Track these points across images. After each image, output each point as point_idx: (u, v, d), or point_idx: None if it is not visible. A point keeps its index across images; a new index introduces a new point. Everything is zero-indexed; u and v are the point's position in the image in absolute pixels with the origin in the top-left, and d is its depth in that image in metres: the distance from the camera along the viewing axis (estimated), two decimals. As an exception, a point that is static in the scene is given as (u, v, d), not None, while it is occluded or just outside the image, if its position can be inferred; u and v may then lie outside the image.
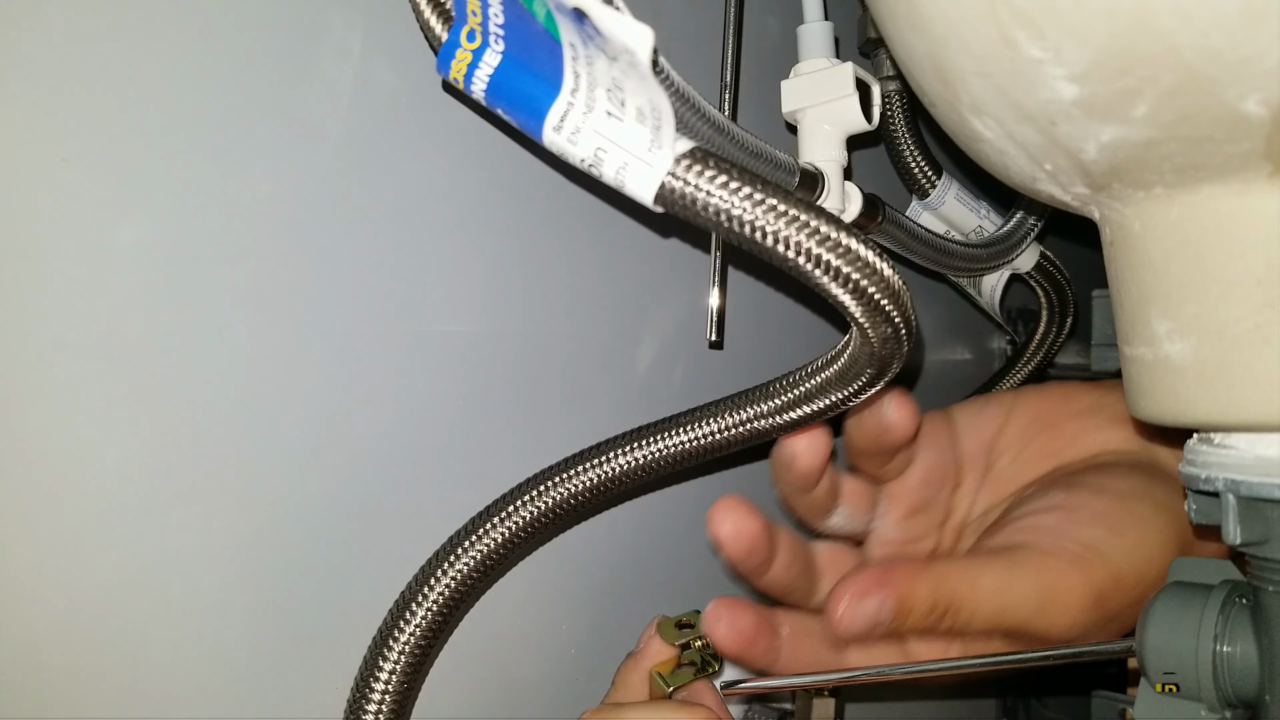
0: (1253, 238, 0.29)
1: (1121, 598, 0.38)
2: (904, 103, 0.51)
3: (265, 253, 0.32)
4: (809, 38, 0.41)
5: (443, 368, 0.36)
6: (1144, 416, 0.33)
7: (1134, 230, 0.32)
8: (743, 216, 0.26)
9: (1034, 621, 0.37)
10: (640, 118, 0.27)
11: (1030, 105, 0.29)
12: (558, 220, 0.40)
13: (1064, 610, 0.37)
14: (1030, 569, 0.37)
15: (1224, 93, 0.26)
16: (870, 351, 0.30)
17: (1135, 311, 0.32)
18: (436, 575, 0.33)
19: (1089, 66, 0.27)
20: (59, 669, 0.28)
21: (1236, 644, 0.34)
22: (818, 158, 0.40)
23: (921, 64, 0.32)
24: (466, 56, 0.28)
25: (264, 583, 0.32)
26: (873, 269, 0.28)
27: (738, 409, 0.34)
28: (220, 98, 0.30)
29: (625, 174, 0.27)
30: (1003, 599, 0.37)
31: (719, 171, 0.26)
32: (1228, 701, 0.34)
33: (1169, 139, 0.28)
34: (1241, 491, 0.30)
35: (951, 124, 0.34)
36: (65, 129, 0.27)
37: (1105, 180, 0.31)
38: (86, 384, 0.28)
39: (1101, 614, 0.38)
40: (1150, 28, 0.25)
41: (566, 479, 0.34)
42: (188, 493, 0.30)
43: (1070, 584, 0.37)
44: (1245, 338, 0.29)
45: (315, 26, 0.32)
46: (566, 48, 0.27)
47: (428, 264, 0.36)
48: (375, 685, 0.32)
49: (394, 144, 0.34)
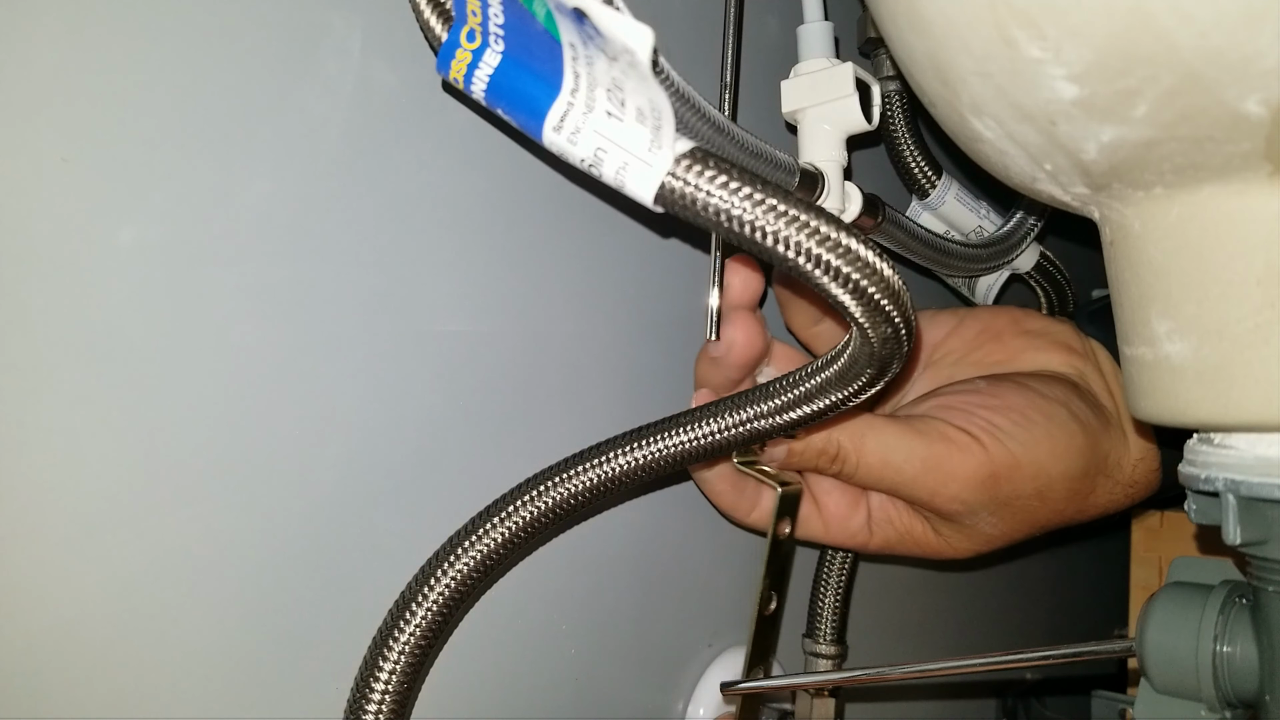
0: (1253, 238, 0.29)
1: (1015, 486, 0.41)
2: (904, 103, 0.51)
3: (265, 253, 0.32)
4: (809, 38, 0.41)
5: (442, 367, 0.36)
6: (1144, 416, 0.33)
7: (1134, 230, 0.32)
8: (743, 216, 0.26)
9: (920, 481, 0.40)
10: (640, 118, 0.27)
11: (1030, 105, 0.29)
12: (558, 220, 0.40)
13: (950, 478, 0.40)
14: (928, 435, 0.40)
15: (1224, 93, 0.26)
16: (870, 351, 0.30)
17: (1135, 311, 0.32)
18: (436, 575, 0.33)
19: (1089, 66, 0.27)
20: (59, 669, 0.28)
21: (1236, 644, 0.34)
22: (818, 158, 0.40)
23: (921, 64, 0.32)
24: (466, 56, 0.28)
25: (263, 582, 0.32)
26: (873, 269, 0.28)
27: (738, 409, 0.34)
28: (220, 98, 0.30)
29: (625, 174, 0.27)
30: (889, 454, 0.39)
31: (719, 171, 0.26)
32: (1228, 701, 0.34)
33: (1169, 139, 0.28)
34: (1241, 492, 0.30)
35: (951, 124, 0.34)
36: (65, 129, 0.27)
37: (1105, 180, 0.31)
38: (86, 384, 0.28)
39: (992, 494, 0.40)
40: (1150, 28, 0.25)
41: (566, 479, 0.34)
42: (188, 492, 0.30)
43: (964, 456, 0.40)
44: (1245, 338, 0.29)
45: (315, 26, 0.32)
46: (566, 48, 0.27)
47: (427, 264, 0.36)
48: (375, 685, 0.32)
49: (394, 144, 0.34)
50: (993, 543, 0.44)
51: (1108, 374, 0.46)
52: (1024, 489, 0.41)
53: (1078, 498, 0.43)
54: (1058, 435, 0.42)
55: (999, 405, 0.41)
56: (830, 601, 0.50)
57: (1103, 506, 0.45)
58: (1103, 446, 0.43)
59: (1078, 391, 0.44)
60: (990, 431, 0.40)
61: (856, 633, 0.53)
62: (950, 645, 0.64)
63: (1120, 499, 0.45)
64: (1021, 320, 0.48)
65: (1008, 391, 0.42)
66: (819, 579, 0.50)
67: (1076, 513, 0.44)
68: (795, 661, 0.51)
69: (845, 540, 0.44)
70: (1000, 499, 0.41)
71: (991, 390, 0.43)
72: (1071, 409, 0.43)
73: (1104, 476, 0.44)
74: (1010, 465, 0.40)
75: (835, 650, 0.50)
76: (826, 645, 0.50)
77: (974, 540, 0.43)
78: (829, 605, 0.50)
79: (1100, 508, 0.45)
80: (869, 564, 0.55)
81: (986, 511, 0.41)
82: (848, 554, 0.50)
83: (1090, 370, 0.46)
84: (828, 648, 0.50)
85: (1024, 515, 0.42)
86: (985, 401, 0.42)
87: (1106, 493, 0.44)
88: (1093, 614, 0.79)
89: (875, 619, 0.57)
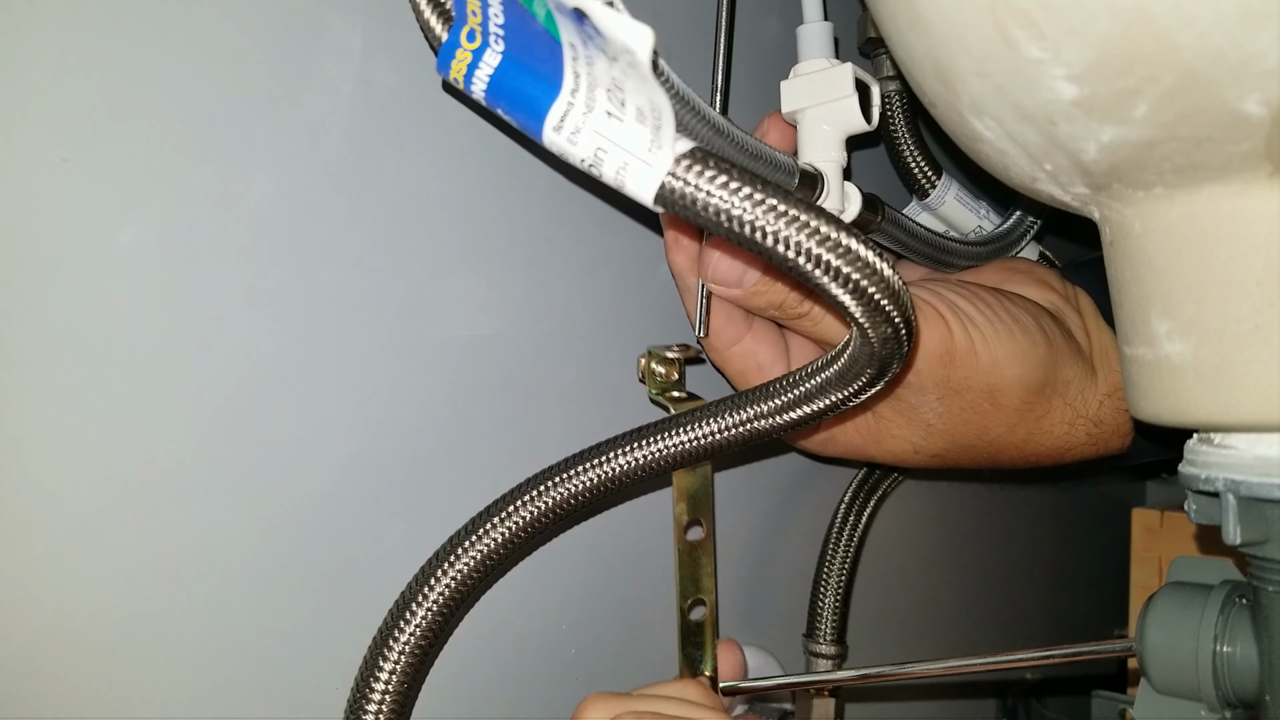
0: (1252, 238, 0.29)
1: (968, 374, 0.41)
2: (904, 103, 0.51)
3: (265, 253, 0.32)
4: (808, 38, 0.41)
5: (443, 367, 0.36)
6: (1144, 416, 0.33)
7: (1134, 230, 0.32)
8: (743, 216, 0.26)
9: None
10: (640, 118, 0.27)
11: (1030, 105, 0.29)
12: (558, 220, 0.40)
13: None
14: None
15: (1224, 93, 0.26)
16: (870, 351, 0.30)
17: (1135, 311, 0.32)
18: (437, 575, 0.33)
19: (1089, 66, 0.27)
20: (59, 669, 0.28)
21: (1236, 644, 0.34)
22: (817, 158, 0.40)
23: (921, 64, 0.32)
24: (467, 56, 0.28)
25: (265, 582, 0.32)
26: (872, 269, 0.28)
27: (738, 409, 0.34)
28: (220, 97, 0.30)
29: (625, 174, 0.27)
30: None
31: (719, 171, 0.26)
32: (1228, 701, 0.34)
33: (1169, 139, 0.28)
34: (1241, 491, 0.30)
35: (951, 124, 0.34)
36: (65, 129, 0.27)
37: (1105, 180, 0.31)
38: (86, 383, 0.28)
39: (943, 373, 0.40)
40: (1150, 28, 0.25)
41: (566, 479, 0.34)
42: (189, 492, 0.30)
43: (925, 327, 0.40)
44: (1245, 338, 0.29)
45: (316, 26, 0.32)
46: (566, 48, 0.27)
47: (427, 264, 0.36)
48: (375, 685, 0.32)
49: (394, 144, 0.34)
50: (932, 437, 0.43)
51: (1086, 314, 0.46)
52: (976, 381, 0.41)
53: (1031, 415, 0.43)
54: (1020, 339, 0.41)
55: (969, 295, 0.42)
56: (830, 602, 0.50)
57: (1058, 437, 0.44)
58: (1065, 369, 0.43)
59: (1051, 318, 0.44)
60: (954, 311, 0.41)
61: (856, 633, 0.53)
62: (950, 646, 0.64)
63: (1080, 438, 0.44)
64: (1009, 262, 0.50)
65: (981, 289, 0.43)
66: (819, 579, 0.50)
67: (1028, 435, 0.43)
68: (796, 661, 0.51)
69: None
70: (951, 385, 0.41)
71: (967, 283, 0.43)
72: (1040, 322, 0.43)
73: (1062, 401, 0.43)
74: (967, 349, 0.40)
75: (835, 650, 0.50)
76: (826, 645, 0.50)
77: (914, 428, 0.43)
78: (829, 605, 0.50)
79: (1056, 438, 0.44)
80: (869, 564, 0.55)
81: (934, 395, 0.41)
82: (848, 554, 0.50)
83: (1069, 310, 0.46)
84: (828, 648, 0.50)
85: (972, 415, 0.42)
86: (956, 289, 0.42)
87: (1064, 421, 0.44)
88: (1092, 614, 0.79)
89: (875, 619, 0.57)
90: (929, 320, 0.40)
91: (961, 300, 0.41)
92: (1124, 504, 0.74)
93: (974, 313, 0.41)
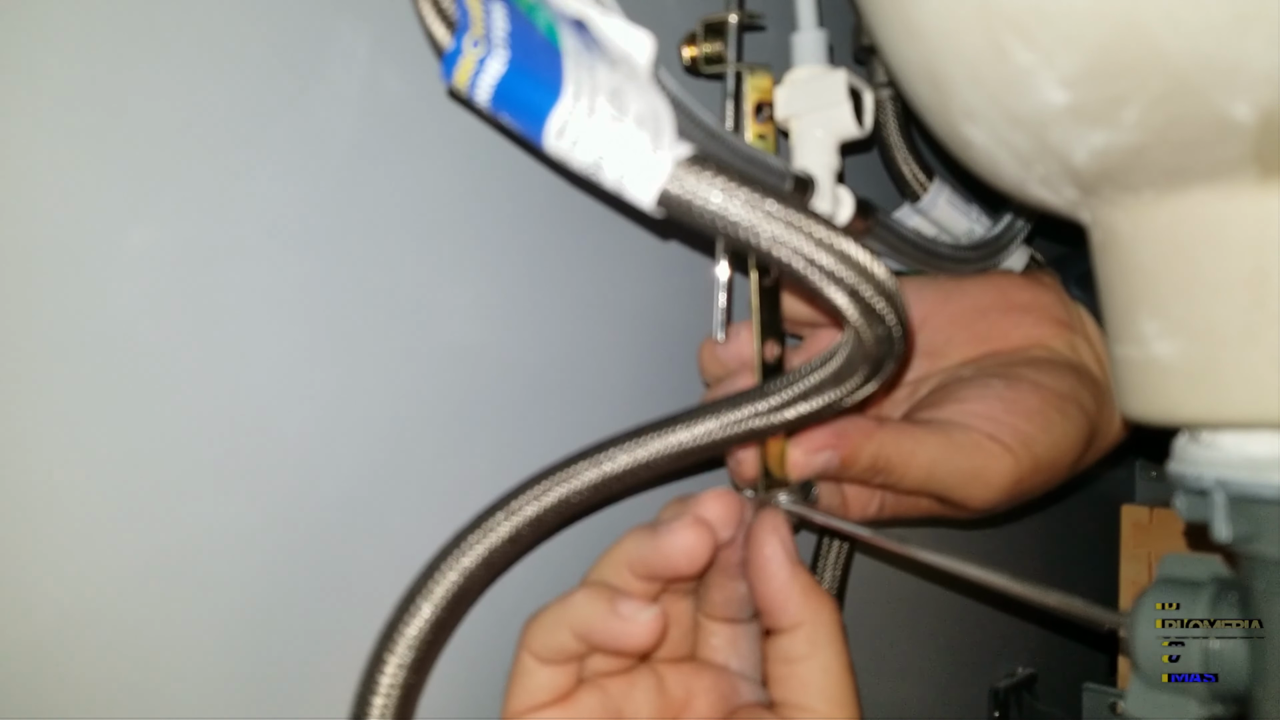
0: (1240, 240, 0.29)
1: (1034, 481, 0.44)
2: (897, 109, 0.51)
3: (270, 258, 0.32)
4: (803, 45, 0.41)
5: (445, 369, 0.37)
6: (1133, 415, 0.34)
7: (1123, 233, 0.32)
8: (740, 220, 0.27)
9: (957, 491, 0.42)
10: (640, 123, 0.27)
11: (1021, 111, 0.30)
12: (561, 225, 0.40)
13: (987, 487, 0.42)
14: (966, 449, 0.42)
15: (1213, 97, 0.26)
16: (864, 351, 0.31)
17: (1125, 312, 0.33)
18: (441, 569, 0.33)
19: (1080, 73, 0.27)
20: (60, 669, 0.28)
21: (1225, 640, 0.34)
22: (810, 163, 0.40)
23: (914, 71, 0.33)
24: (471, 64, 0.28)
25: (268, 581, 0.32)
26: (866, 271, 0.28)
27: (736, 408, 0.35)
28: (228, 103, 0.31)
29: (626, 179, 0.28)
30: (934, 469, 0.41)
31: (717, 176, 0.27)
32: (1217, 696, 0.34)
33: (1158, 143, 0.28)
34: (1230, 490, 0.31)
35: (943, 130, 0.34)
36: (73, 134, 0.28)
37: (1095, 184, 0.31)
38: (91, 385, 0.28)
39: (1017, 493, 0.44)
40: (1140, 34, 0.26)
41: (569, 476, 0.35)
42: (191, 492, 0.30)
43: (999, 468, 0.42)
44: (1233, 338, 0.29)
45: (322, 32, 0.33)
46: (567, 55, 0.27)
47: (431, 267, 0.36)
48: (380, 680, 0.32)
49: (401, 150, 0.35)
50: None
51: (1094, 340, 0.48)
52: (1041, 481, 0.44)
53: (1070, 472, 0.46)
54: (1071, 432, 0.44)
55: (1022, 411, 0.43)
56: None
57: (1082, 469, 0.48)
58: (1100, 426, 0.46)
59: (1079, 377, 0.46)
60: (1019, 439, 0.42)
61: (856, 631, 0.53)
62: (939, 636, 0.65)
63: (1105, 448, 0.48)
64: (1008, 292, 0.49)
65: (1026, 395, 0.44)
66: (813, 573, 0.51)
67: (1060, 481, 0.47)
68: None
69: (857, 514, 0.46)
70: (1022, 494, 0.44)
71: (1012, 396, 0.44)
72: (1080, 401, 0.45)
73: (1094, 450, 0.47)
74: (1033, 469, 0.43)
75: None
76: None
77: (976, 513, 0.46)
78: None
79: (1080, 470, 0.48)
80: (863, 562, 0.55)
81: (1007, 503, 0.44)
82: (843, 548, 0.50)
83: (1080, 341, 0.48)
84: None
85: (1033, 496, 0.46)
86: (1009, 409, 0.43)
87: (1100, 450, 0.48)
88: (1083, 611, 0.80)
89: (874, 618, 0.57)
90: (1000, 459, 0.42)
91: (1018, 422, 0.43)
92: (1113, 500, 0.74)
93: (1033, 430, 0.43)
